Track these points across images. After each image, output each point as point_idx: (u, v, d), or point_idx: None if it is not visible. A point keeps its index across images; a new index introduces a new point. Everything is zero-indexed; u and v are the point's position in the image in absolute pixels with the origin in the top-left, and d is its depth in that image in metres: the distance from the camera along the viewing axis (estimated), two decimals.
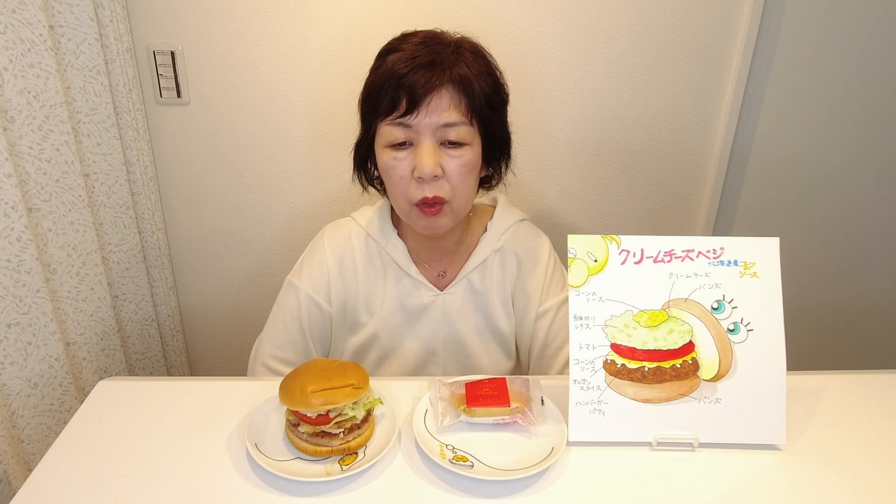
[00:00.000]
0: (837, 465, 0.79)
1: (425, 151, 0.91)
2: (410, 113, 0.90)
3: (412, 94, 0.89)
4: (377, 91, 0.93)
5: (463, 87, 0.91)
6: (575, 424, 0.81)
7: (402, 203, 0.96)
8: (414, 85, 0.89)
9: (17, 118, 1.18)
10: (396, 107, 0.90)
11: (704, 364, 0.81)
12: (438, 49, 0.92)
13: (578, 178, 1.55)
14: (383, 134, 0.94)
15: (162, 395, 0.91)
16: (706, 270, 0.81)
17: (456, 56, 0.92)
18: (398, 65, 0.90)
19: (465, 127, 0.92)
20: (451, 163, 0.92)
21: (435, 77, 0.89)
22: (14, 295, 1.20)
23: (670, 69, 1.43)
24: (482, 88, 0.93)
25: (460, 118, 0.91)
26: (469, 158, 0.94)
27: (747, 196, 1.59)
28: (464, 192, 0.96)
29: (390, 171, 0.94)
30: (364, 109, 0.98)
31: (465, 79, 0.91)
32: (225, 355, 1.76)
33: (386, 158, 0.94)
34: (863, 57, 1.44)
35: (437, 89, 0.89)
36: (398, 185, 0.95)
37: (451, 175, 0.93)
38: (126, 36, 1.34)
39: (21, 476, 1.24)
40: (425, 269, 1.07)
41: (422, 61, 0.90)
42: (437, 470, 0.77)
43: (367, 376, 0.81)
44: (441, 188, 0.93)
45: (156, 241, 1.53)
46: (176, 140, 1.49)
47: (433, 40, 0.93)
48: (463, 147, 0.93)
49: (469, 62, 0.92)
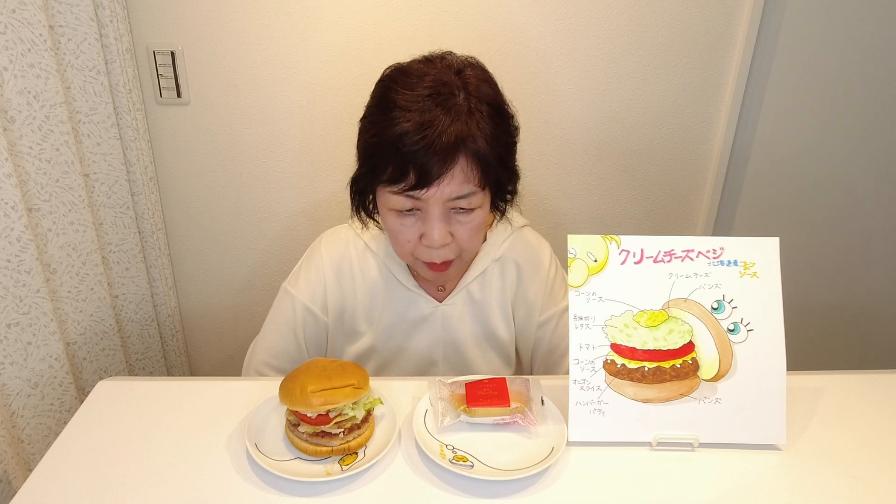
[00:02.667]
0: (837, 465, 0.79)
1: (435, 223, 0.86)
2: (419, 189, 0.83)
3: (423, 174, 0.82)
4: (381, 158, 0.85)
5: (478, 160, 0.84)
6: (575, 424, 0.81)
7: (408, 257, 0.94)
8: (426, 166, 0.81)
9: (17, 118, 1.18)
10: (403, 179, 0.83)
11: (704, 364, 0.81)
12: (450, 107, 0.82)
13: (578, 178, 1.55)
14: (387, 199, 0.87)
15: (162, 395, 0.90)
16: (706, 270, 0.81)
17: (469, 119, 0.83)
18: (407, 138, 0.81)
19: (477, 196, 0.87)
20: (462, 228, 0.89)
21: (449, 159, 0.82)
22: (14, 295, 1.20)
23: (670, 69, 1.43)
24: (497, 154, 0.85)
25: (473, 189, 0.85)
26: (480, 220, 0.90)
27: (747, 196, 1.59)
28: (472, 247, 0.94)
29: (395, 234, 0.91)
30: (364, 164, 0.90)
31: (480, 152, 0.83)
32: (225, 355, 1.76)
33: (391, 222, 0.90)
34: (863, 57, 1.44)
35: (450, 170, 0.82)
36: (405, 247, 0.92)
37: (460, 239, 0.90)
38: (126, 36, 1.34)
39: (21, 476, 1.24)
40: (424, 280, 1.05)
41: (434, 137, 0.80)
42: (437, 470, 0.77)
43: (367, 376, 0.81)
44: (450, 251, 0.91)
45: (156, 241, 1.53)
46: (176, 140, 1.49)
47: (442, 90, 0.83)
48: (473, 212, 0.88)
49: (484, 124, 0.84)
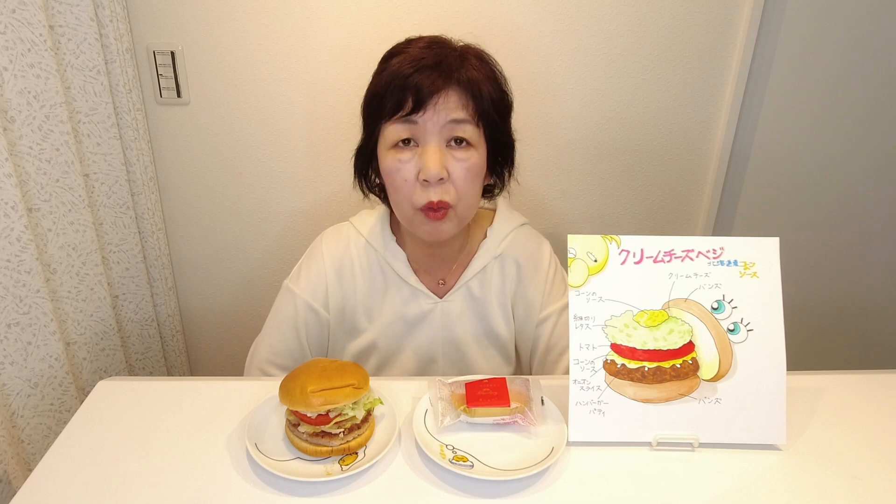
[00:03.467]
0: (837, 465, 0.79)
1: (431, 152, 0.90)
2: (417, 111, 0.89)
3: (418, 94, 0.88)
4: (382, 93, 0.91)
5: (470, 90, 0.90)
6: (575, 424, 0.81)
7: (406, 208, 0.95)
8: (420, 85, 0.88)
9: (17, 118, 1.18)
10: (402, 106, 0.89)
11: (704, 364, 0.81)
12: (444, 53, 0.91)
13: (578, 178, 1.55)
14: (387, 134, 0.92)
15: (162, 395, 0.90)
16: (706, 270, 0.81)
17: (462, 60, 0.92)
18: (403, 66, 0.90)
19: (471, 126, 0.91)
20: (457, 166, 0.91)
21: (441, 78, 0.89)
22: (14, 295, 1.20)
23: (670, 69, 1.43)
24: (489, 92, 0.92)
25: (467, 116, 0.90)
26: (475, 162, 0.93)
27: (747, 196, 1.59)
28: (468, 197, 0.94)
29: (394, 174, 0.93)
30: (367, 112, 0.97)
31: (472, 81, 0.90)
32: (225, 355, 1.76)
33: (390, 161, 0.93)
34: (863, 57, 1.44)
35: (443, 90, 0.89)
36: (402, 190, 0.93)
37: (456, 179, 0.92)
38: (126, 36, 1.34)
39: (21, 476, 1.24)
40: (425, 276, 1.06)
41: (428, 62, 0.89)
42: (437, 470, 0.77)
43: (367, 376, 0.81)
44: (446, 192, 0.92)
45: (156, 241, 1.53)
46: (176, 140, 1.49)
47: (438, 44, 0.93)
48: (469, 149, 0.92)
49: (476, 67, 0.92)
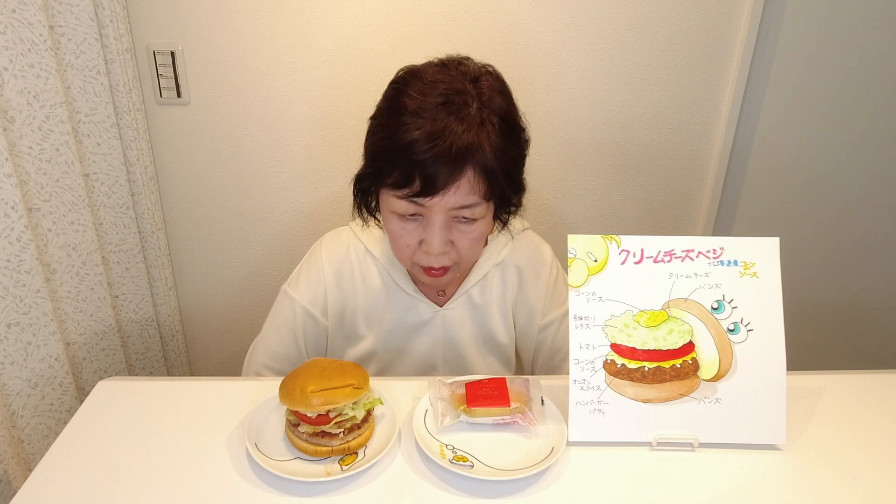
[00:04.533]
0: (837, 465, 0.79)
1: (436, 231, 0.86)
2: (424, 196, 0.83)
3: (430, 182, 0.81)
4: (388, 162, 0.84)
5: (485, 173, 0.83)
6: (575, 424, 0.81)
7: (406, 261, 0.94)
8: (434, 175, 0.81)
9: (17, 118, 1.18)
10: (409, 185, 0.82)
11: (704, 364, 0.81)
12: (462, 117, 0.81)
13: (578, 178, 1.55)
14: (390, 202, 0.87)
15: (162, 395, 0.90)
16: (706, 270, 0.81)
17: (480, 129, 0.82)
18: (417, 146, 0.80)
19: (480, 207, 0.86)
20: (462, 237, 0.89)
21: (457, 169, 0.81)
22: (14, 295, 1.20)
23: (670, 69, 1.43)
24: (504, 168, 0.85)
25: (477, 200, 0.84)
26: (481, 231, 0.89)
27: (747, 196, 1.59)
28: (472, 257, 0.94)
29: (396, 238, 0.91)
30: (371, 157, 0.90)
31: (488, 166, 0.82)
32: (225, 355, 1.76)
33: (393, 226, 0.90)
34: (863, 57, 1.44)
35: (458, 180, 0.82)
36: (404, 251, 0.92)
37: (460, 248, 0.90)
38: (126, 36, 1.34)
39: (21, 476, 1.24)
40: (425, 285, 1.05)
41: (443, 147, 0.79)
42: (437, 470, 0.77)
43: (367, 376, 0.81)
44: (449, 259, 0.90)
45: (156, 241, 1.53)
46: (176, 140, 1.49)
47: (455, 98, 0.82)
48: (476, 222, 0.88)
49: (495, 136, 0.82)
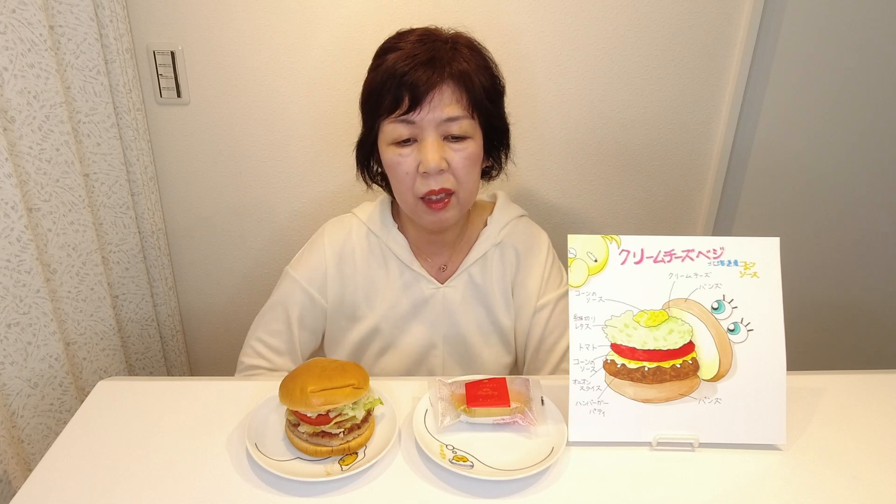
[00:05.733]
0: (837, 465, 0.79)
1: (430, 146, 0.93)
2: (413, 110, 0.92)
3: (414, 92, 0.91)
4: (378, 90, 0.94)
5: (463, 82, 0.93)
6: (575, 424, 0.81)
7: (408, 198, 0.98)
8: (416, 83, 0.91)
9: (17, 118, 1.18)
10: (399, 105, 0.92)
11: (704, 364, 0.81)
12: (436, 46, 0.94)
13: (578, 178, 1.55)
14: (387, 132, 0.96)
15: (162, 395, 0.91)
16: (706, 270, 0.81)
17: (454, 52, 0.94)
18: (398, 63, 0.92)
19: (466, 120, 0.94)
20: (456, 156, 0.95)
21: (435, 74, 0.91)
22: (14, 295, 1.20)
23: (670, 69, 1.43)
24: (481, 82, 0.95)
25: (462, 112, 0.93)
26: (472, 150, 0.96)
27: (747, 196, 1.59)
28: (468, 183, 0.98)
29: (395, 167, 0.96)
30: (366, 109, 1.00)
31: (464, 74, 0.93)
32: (225, 355, 1.76)
33: (390, 155, 0.96)
34: (863, 57, 1.44)
35: (438, 86, 0.91)
36: (404, 181, 0.97)
37: (455, 168, 0.95)
38: (126, 36, 1.34)
39: (21, 476, 1.24)
40: (426, 262, 1.09)
41: (421, 59, 0.92)
42: (437, 470, 0.77)
43: (367, 376, 0.81)
44: (447, 180, 0.95)
45: (156, 241, 1.53)
46: (176, 140, 1.49)
47: (430, 37, 0.95)
48: (466, 140, 0.95)
49: (467, 57, 0.95)
